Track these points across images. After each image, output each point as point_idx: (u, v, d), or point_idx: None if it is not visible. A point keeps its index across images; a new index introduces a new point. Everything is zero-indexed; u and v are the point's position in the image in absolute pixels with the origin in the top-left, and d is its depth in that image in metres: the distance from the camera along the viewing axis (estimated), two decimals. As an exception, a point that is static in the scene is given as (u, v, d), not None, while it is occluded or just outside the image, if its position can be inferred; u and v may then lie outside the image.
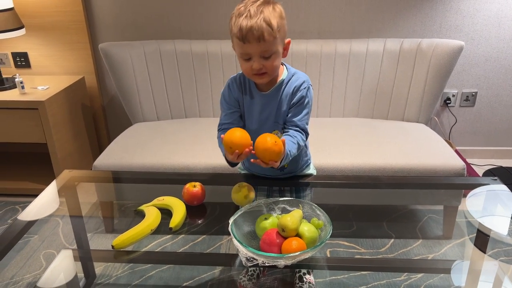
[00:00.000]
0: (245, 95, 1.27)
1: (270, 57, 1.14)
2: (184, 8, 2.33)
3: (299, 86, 1.23)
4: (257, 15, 1.08)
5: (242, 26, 1.09)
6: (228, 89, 1.28)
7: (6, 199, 2.28)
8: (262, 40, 1.09)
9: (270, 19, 1.09)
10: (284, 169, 1.36)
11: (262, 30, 1.08)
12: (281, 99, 1.24)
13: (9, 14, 2.12)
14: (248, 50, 1.12)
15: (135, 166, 1.85)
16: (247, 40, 1.10)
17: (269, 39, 1.10)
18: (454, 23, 2.30)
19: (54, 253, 1.56)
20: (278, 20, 1.12)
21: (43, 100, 2.06)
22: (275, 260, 0.98)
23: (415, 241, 1.83)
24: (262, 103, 1.25)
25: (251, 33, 1.08)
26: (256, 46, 1.10)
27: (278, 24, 1.11)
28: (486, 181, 1.39)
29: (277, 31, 1.11)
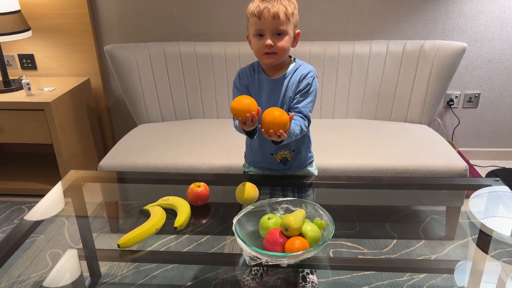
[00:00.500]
0: (253, 81, 1.33)
1: (281, 37, 1.22)
2: (188, 10, 2.35)
3: (305, 74, 1.30)
4: (275, 0, 1.19)
5: (260, 5, 1.19)
6: (239, 77, 1.36)
7: (12, 199, 2.31)
8: (277, 17, 1.18)
9: (286, 4, 1.20)
10: (287, 162, 1.38)
11: (278, 8, 1.18)
12: (288, 85, 1.30)
13: (16, 17, 2.14)
14: (263, 26, 1.20)
15: (140, 166, 1.87)
16: (263, 15, 1.19)
17: (283, 18, 1.19)
18: (457, 25, 2.31)
19: (60, 252, 1.57)
20: (293, 8, 1.23)
21: (49, 101, 2.08)
22: (278, 259, 0.99)
23: (418, 241, 1.83)
24: (270, 89, 1.31)
25: (267, 10, 1.18)
26: (270, 22, 1.19)
27: (292, 10, 1.21)
28: (488, 182, 1.40)
29: (291, 15, 1.21)
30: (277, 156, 1.38)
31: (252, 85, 1.33)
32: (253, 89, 1.33)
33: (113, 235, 1.59)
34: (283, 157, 1.38)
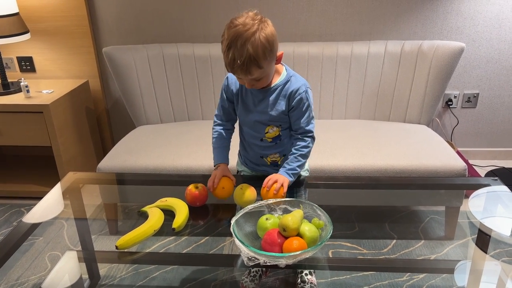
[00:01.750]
0: (241, 88, 1.33)
1: (260, 79, 1.19)
2: (186, 12, 2.35)
3: (296, 90, 1.26)
4: (244, 53, 1.10)
5: (230, 62, 1.13)
6: (227, 82, 1.35)
7: (11, 202, 2.31)
8: (250, 75, 1.15)
9: (257, 55, 1.11)
10: (277, 165, 1.39)
11: (249, 68, 1.12)
12: (278, 97, 1.28)
13: (14, 19, 2.15)
14: (239, 77, 1.20)
15: (138, 168, 1.87)
16: (236, 73, 1.17)
17: (257, 73, 1.15)
18: (455, 25, 2.31)
19: (59, 254, 1.57)
20: (266, 51, 1.13)
21: (48, 103, 2.08)
22: (277, 260, 0.99)
23: (417, 241, 1.83)
24: (259, 98, 1.30)
25: (240, 69, 1.13)
26: (244, 77, 1.17)
27: (266, 54, 1.13)
28: (487, 181, 1.40)
29: (265, 62, 1.14)
30: (267, 159, 1.39)
31: (239, 92, 1.33)
32: (240, 96, 1.33)
33: (112, 237, 1.59)
34: (274, 160, 1.39)
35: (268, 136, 1.33)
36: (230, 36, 1.13)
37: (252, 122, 1.32)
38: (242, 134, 1.41)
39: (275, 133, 1.33)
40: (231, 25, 1.14)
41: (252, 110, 1.31)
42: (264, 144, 1.35)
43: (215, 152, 1.38)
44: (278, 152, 1.37)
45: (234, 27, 1.13)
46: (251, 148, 1.40)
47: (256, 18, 1.14)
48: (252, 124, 1.33)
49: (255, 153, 1.39)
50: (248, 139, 1.39)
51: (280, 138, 1.34)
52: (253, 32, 1.11)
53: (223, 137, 1.39)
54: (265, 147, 1.36)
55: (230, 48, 1.12)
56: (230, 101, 1.36)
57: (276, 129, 1.32)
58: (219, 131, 1.39)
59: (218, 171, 1.31)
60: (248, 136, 1.38)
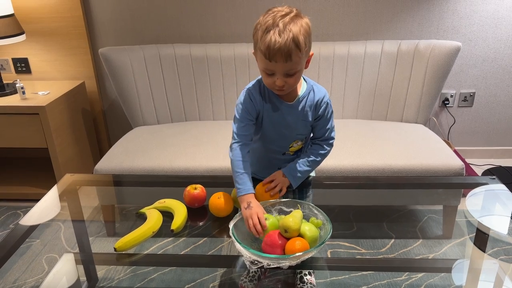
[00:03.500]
0: (266, 104, 1.23)
1: (293, 75, 1.11)
2: (183, 12, 2.35)
3: (322, 98, 1.24)
4: (286, 33, 1.04)
5: (270, 44, 1.04)
6: (250, 100, 1.22)
7: (8, 204, 2.29)
8: (289, 60, 1.06)
9: (298, 38, 1.05)
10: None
11: (290, 51, 1.04)
12: (305, 109, 1.24)
13: (10, 20, 2.13)
14: (274, 68, 1.09)
15: (136, 169, 1.86)
16: (274, 59, 1.06)
17: (296, 59, 1.07)
18: (451, 24, 2.32)
19: (56, 257, 1.56)
20: (306, 38, 1.08)
21: (43, 105, 2.07)
22: (280, 261, 0.99)
23: (415, 241, 1.83)
24: (287, 112, 1.24)
25: (280, 53, 1.05)
26: (282, 65, 1.08)
27: (305, 43, 1.07)
28: (484, 180, 1.40)
29: (304, 49, 1.08)
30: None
31: (263, 109, 1.24)
32: (264, 113, 1.24)
33: (110, 239, 1.58)
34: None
35: (292, 150, 1.31)
36: (269, 20, 1.07)
37: (279, 138, 1.27)
38: (261, 148, 1.33)
39: (299, 147, 1.31)
40: (268, 12, 1.09)
41: (281, 125, 1.25)
42: (285, 158, 1.33)
43: (242, 178, 1.18)
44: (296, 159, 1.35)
45: (272, 13, 1.08)
46: (269, 162, 1.35)
47: (292, 8, 1.11)
48: (278, 140, 1.28)
49: (273, 165, 1.35)
50: (268, 154, 1.33)
51: (301, 150, 1.33)
52: (294, 15, 1.08)
53: (248, 160, 1.23)
54: (285, 160, 1.33)
55: (269, 31, 1.05)
56: (253, 120, 1.25)
57: (301, 143, 1.30)
58: (244, 153, 1.22)
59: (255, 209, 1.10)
60: (269, 152, 1.32)
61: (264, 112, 1.24)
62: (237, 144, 1.21)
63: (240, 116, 1.22)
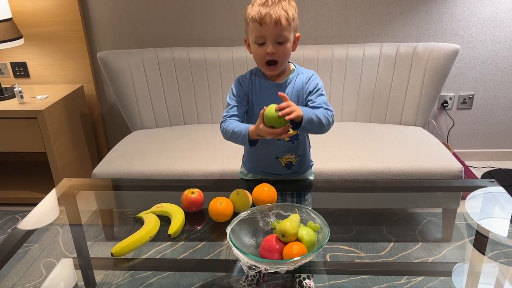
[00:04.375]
0: (255, 87, 1.31)
1: (283, 43, 1.20)
2: (181, 16, 2.35)
3: (310, 76, 1.30)
4: (275, 4, 1.17)
5: (261, 9, 1.17)
6: (238, 83, 1.32)
7: (6, 209, 2.29)
8: (279, 23, 1.16)
9: (287, 8, 1.18)
10: (292, 166, 1.38)
11: (279, 15, 1.16)
12: (293, 89, 1.29)
13: (8, 25, 2.13)
14: (264, 32, 1.18)
15: (134, 173, 1.86)
16: (264, 22, 1.16)
17: (285, 24, 1.17)
18: (450, 27, 2.32)
19: (54, 261, 1.55)
20: (293, 12, 1.21)
21: (42, 109, 2.07)
22: (277, 266, 0.98)
23: (415, 244, 1.83)
24: (275, 93, 1.25)
25: (269, 16, 1.16)
26: (272, 29, 1.17)
27: (293, 14, 1.20)
28: (483, 183, 1.40)
29: (292, 20, 1.19)
30: (282, 160, 1.37)
31: (253, 92, 1.31)
32: (254, 94, 1.31)
33: (108, 243, 1.57)
34: (288, 161, 1.37)
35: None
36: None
37: None
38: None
39: (294, 132, 1.32)
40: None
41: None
42: (280, 144, 1.34)
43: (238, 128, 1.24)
44: (294, 152, 1.36)
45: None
46: (265, 150, 1.36)
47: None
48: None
49: (270, 155, 1.37)
50: (263, 141, 1.33)
51: (297, 137, 1.34)
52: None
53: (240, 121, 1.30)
54: (281, 147, 1.34)
55: (260, 4, 1.18)
56: (243, 103, 1.31)
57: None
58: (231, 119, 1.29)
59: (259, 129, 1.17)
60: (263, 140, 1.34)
61: (254, 95, 1.30)
62: (223, 122, 1.29)
63: (230, 99, 1.32)
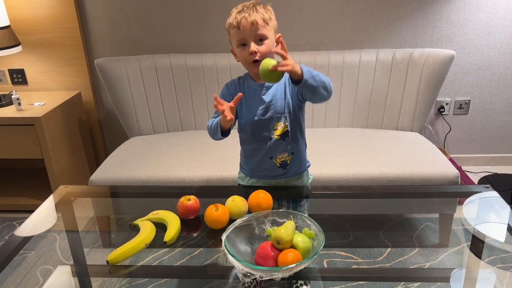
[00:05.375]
0: (242, 89, 1.36)
1: (263, 41, 1.26)
2: (178, 22, 2.36)
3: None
4: (250, 8, 1.26)
5: (237, 16, 1.25)
6: (226, 87, 1.39)
7: (3, 216, 2.28)
8: (255, 23, 1.23)
9: (262, 11, 1.26)
10: (286, 166, 1.38)
11: (255, 16, 1.24)
12: (281, 87, 1.33)
13: (6, 32, 2.14)
14: (243, 34, 1.25)
15: (131, 180, 1.86)
16: (242, 25, 1.24)
17: (262, 23, 1.24)
18: (445, 33, 2.33)
19: (51, 269, 1.55)
20: (270, 14, 1.28)
21: (39, 116, 2.07)
22: (272, 273, 0.98)
23: (412, 249, 1.83)
24: (263, 93, 1.33)
25: (245, 19, 1.24)
26: (250, 29, 1.24)
27: (269, 16, 1.27)
28: (478, 189, 1.40)
29: (268, 19, 1.26)
30: (276, 161, 1.38)
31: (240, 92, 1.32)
32: (242, 97, 1.30)
33: (105, 250, 1.58)
34: (283, 161, 1.38)
35: (277, 133, 1.34)
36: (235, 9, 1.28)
37: (260, 120, 1.32)
38: (248, 139, 1.38)
39: (283, 129, 1.33)
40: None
41: (259, 106, 1.33)
42: (272, 143, 1.35)
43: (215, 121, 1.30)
44: (287, 150, 1.37)
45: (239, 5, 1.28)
46: (258, 152, 1.38)
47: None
48: (259, 121, 1.33)
49: (263, 156, 1.38)
50: (255, 141, 1.37)
51: (288, 134, 1.34)
52: (257, 2, 1.29)
53: None
54: (274, 147, 1.35)
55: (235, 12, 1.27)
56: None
57: (284, 124, 1.33)
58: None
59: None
60: (255, 139, 1.37)
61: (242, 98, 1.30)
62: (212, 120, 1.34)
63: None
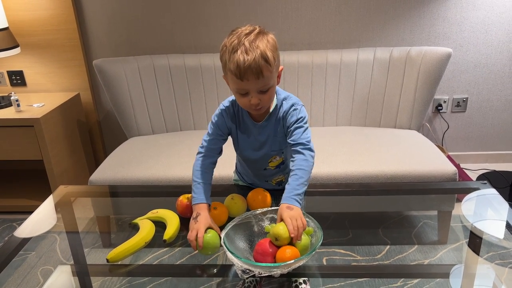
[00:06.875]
0: (238, 125, 1.26)
1: (267, 91, 1.12)
2: (176, 23, 2.37)
3: (288, 110, 1.21)
4: (253, 51, 1.05)
5: (239, 63, 1.04)
6: (221, 116, 1.25)
7: (3, 217, 2.29)
8: (261, 76, 1.06)
9: (266, 53, 1.06)
10: (282, 183, 1.37)
11: (260, 67, 1.05)
12: (275, 126, 1.24)
13: (4, 34, 2.15)
14: (246, 86, 1.09)
15: (130, 180, 1.87)
16: (245, 78, 1.06)
17: (267, 74, 1.07)
18: (442, 31, 2.34)
19: (52, 269, 1.56)
20: (274, 52, 1.09)
21: (38, 117, 2.08)
22: (271, 270, 0.99)
23: (411, 247, 1.83)
24: (257, 133, 1.25)
25: (250, 71, 1.05)
26: (254, 82, 1.07)
27: (274, 57, 1.08)
28: (476, 185, 1.41)
29: (274, 63, 1.08)
30: (272, 182, 1.38)
31: (236, 129, 1.27)
32: (238, 132, 1.27)
33: (105, 250, 1.57)
34: (278, 181, 1.38)
35: (272, 166, 1.32)
36: (233, 40, 1.07)
37: (255, 157, 1.29)
38: (244, 163, 1.36)
39: (278, 162, 1.32)
40: (232, 33, 1.10)
41: (254, 145, 1.27)
42: (267, 173, 1.34)
43: (198, 188, 1.19)
44: (283, 173, 1.36)
45: (236, 33, 1.09)
46: (254, 175, 1.38)
47: (255, 26, 1.12)
48: (255, 158, 1.30)
49: (259, 179, 1.38)
50: (252, 169, 1.36)
51: (283, 163, 1.33)
52: (258, 32, 1.09)
53: (209, 171, 1.24)
54: (269, 174, 1.35)
55: (236, 50, 1.05)
56: (223, 136, 1.27)
57: (279, 158, 1.31)
58: (207, 164, 1.24)
59: (201, 220, 1.11)
60: (251, 168, 1.35)
61: (238, 131, 1.26)
62: (200, 155, 1.25)
63: (211, 129, 1.26)
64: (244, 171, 1.42)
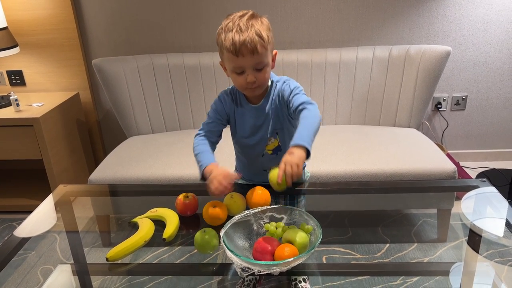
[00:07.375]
0: (237, 108, 1.30)
1: (262, 69, 1.16)
2: (175, 22, 2.37)
3: (281, 87, 1.26)
4: (248, 29, 1.11)
5: (234, 40, 1.10)
6: (220, 101, 1.30)
7: (3, 217, 2.29)
8: (256, 52, 1.12)
9: (260, 31, 1.12)
10: None
11: (255, 42, 1.11)
12: (271, 106, 1.27)
13: (3, 34, 2.15)
14: (242, 63, 1.14)
15: (130, 179, 1.87)
16: (241, 53, 1.11)
17: (262, 51, 1.12)
18: (441, 29, 2.34)
19: (52, 268, 1.56)
20: (267, 32, 1.15)
21: (38, 117, 2.08)
22: (270, 268, 0.99)
23: (410, 245, 1.84)
24: (255, 115, 1.28)
25: (245, 46, 1.10)
26: (249, 58, 1.13)
27: (268, 36, 1.14)
28: (475, 183, 1.41)
29: (268, 43, 1.14)
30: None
31: (235, 113, 1.30)
32: (236, 115, 1.31)
33: (105, 249, 1.57)
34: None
35: (268, 149, 1.33)
36: (228, 22, 1.14)
37: (250, 137, 1.31)
38: (241, 153, 1.38)
39: (274, 145, 1.32)
40: (227, 17, 1.17)
41: (252, 128, 1.29)
42: (265, 159, 1.34)
43: (202, 155, 1.21)
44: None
45: (230, 16, 1.16)
46: (252, 164, 1.39)
47: (249, 10, 1.19)
48: (250, 140, 1.31)
49: (257, 168, 1.38)
50: (248, 157, 1.37)
51: (280, 148, 1.34)
52: (251, 15, 1.16)
53: (209, 143, 1.27)
54: (266, 161, 1.35)
55: (231, 30, 1.12)
56: (222, 121, 1.31)
57: (275, 140, 1.32)
58: (205, 139, 1.27)
59: (218, 169, 1.13)
60: (248, 155, 1.37)
61: (236, 115, 1.30)
62: (199, 135, 1.28)
63: (210, 113, 1.30)
64: (243, 166, 1.43)
